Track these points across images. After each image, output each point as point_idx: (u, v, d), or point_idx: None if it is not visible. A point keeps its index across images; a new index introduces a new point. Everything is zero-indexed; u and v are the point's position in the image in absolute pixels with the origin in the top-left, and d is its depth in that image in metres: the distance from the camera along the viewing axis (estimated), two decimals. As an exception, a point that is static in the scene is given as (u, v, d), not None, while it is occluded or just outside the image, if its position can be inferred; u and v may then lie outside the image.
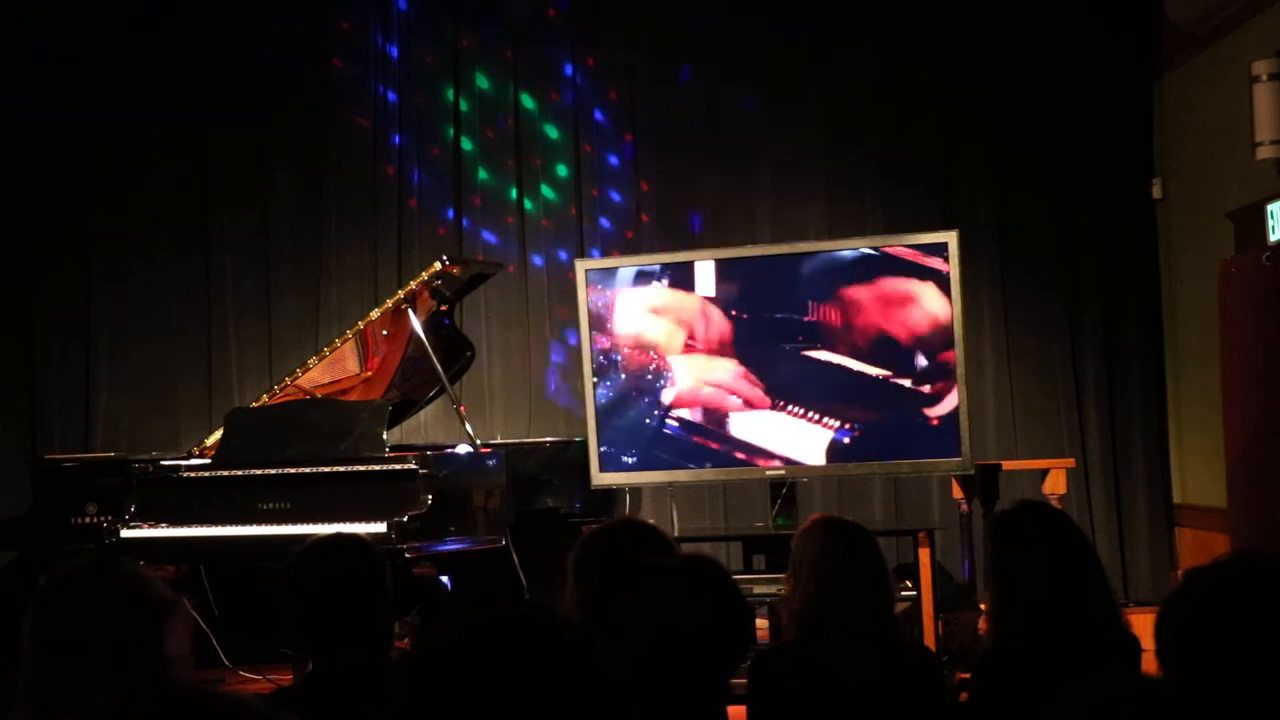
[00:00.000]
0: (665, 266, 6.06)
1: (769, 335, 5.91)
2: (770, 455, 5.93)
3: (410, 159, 7.72)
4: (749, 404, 5.93)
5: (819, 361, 5.86)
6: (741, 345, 5.94)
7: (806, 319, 5.87)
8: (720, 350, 5.95)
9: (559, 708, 1.42)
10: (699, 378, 5.98)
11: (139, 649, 2.23)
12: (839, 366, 5.84)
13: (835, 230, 7.28)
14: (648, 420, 6.04)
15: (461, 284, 6.32)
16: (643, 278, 6.04)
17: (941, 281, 5.72)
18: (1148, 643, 2.11)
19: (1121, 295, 7.45)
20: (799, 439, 5.90)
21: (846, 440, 5.86)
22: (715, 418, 5.98)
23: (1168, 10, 7.11)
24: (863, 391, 5.83)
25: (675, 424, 6.01)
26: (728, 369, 5.95)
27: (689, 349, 5.99)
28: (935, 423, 5.74)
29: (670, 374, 6.02)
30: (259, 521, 5.48)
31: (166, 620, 2.29)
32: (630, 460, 6.05)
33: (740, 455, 5.96)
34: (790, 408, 5.91)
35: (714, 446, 5.98)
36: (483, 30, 7.73)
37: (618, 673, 2.37)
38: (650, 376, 6.04)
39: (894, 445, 5.83)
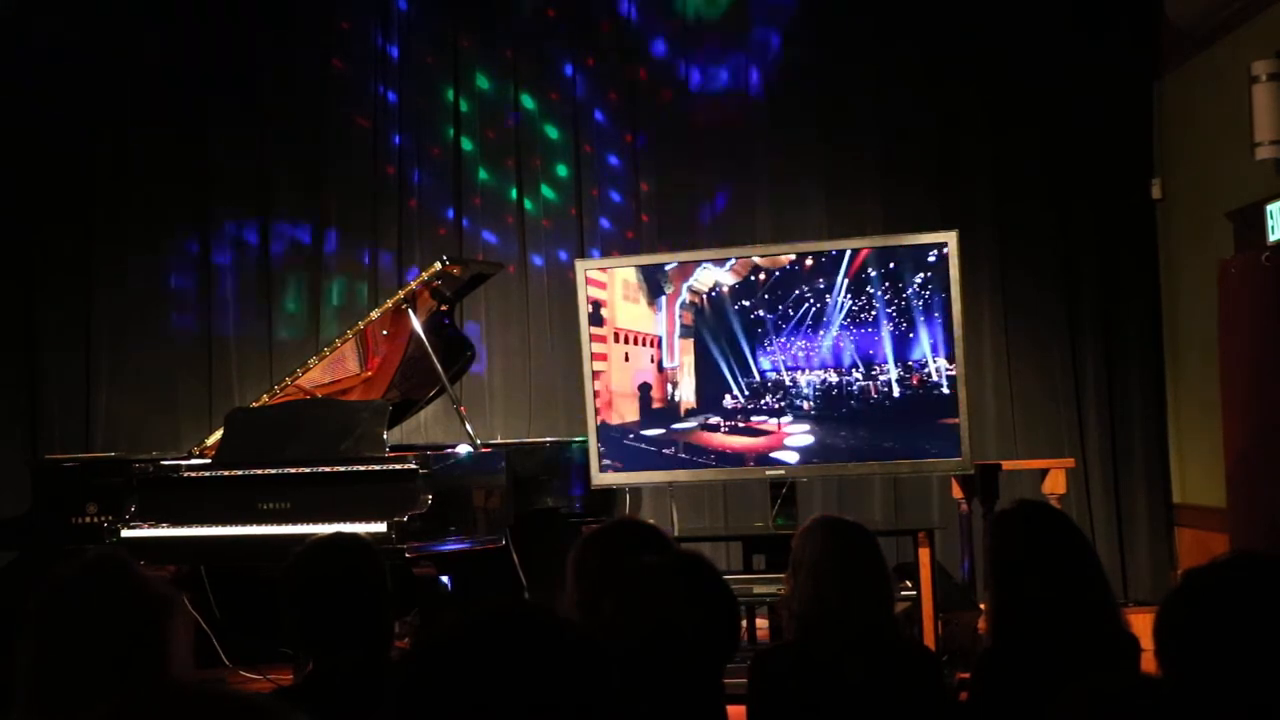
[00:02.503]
0: (664, 266, 6.07)
1: (768, 335, 5.91)
2: (769, 456, 5.93)
3: (410, 159, 7.73)
4: (743, 403, 5.93)
5: (818, 361, 5.86)
6: (739, 345, 5.94)
7: (806, 318, 5.87)
8: (717, 350, 5.95)
9: (559, 708, 1.42)
10: (691, 376, 5.99)
11: (141, 648, 2.23)
12: (839, 366, 5.84)
13: (835, 230, 7.28)
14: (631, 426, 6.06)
15: (461, 284, 6.32)
16: (645, 276, 6.05)
17: (940, 282, 5.72)
18: (1148, 643, 2.11)
19: (1121, 295, 7.45)
20: (798, 439, 5.90)
21: (848, 441, 5.86)
22: (711, 419, 5.99)
23: (1168, 10, 7.11)
24: (820, 402, 5.84)
25: (661, 425, 6.02)
26: (724, 368, 5.95)
27: (678, 348, 6.00)
28: (942, 423, 5.74)
29: (656, 370, 6.03)
30: (259, 521, 5.48)
31: (168, 619, 2.29)
32: (612, 464, 6.05)
33: (728, 456, 5.97)
34: (789, 407, 5.91)
35: (703, 446, 5.99)
36: (483, 30, 7.73)
37: (613, 672, 2.37)
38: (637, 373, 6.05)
39: (894, 445, 5.83)
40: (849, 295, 5.91)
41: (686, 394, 6.04)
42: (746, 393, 5.97)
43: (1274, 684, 1.92)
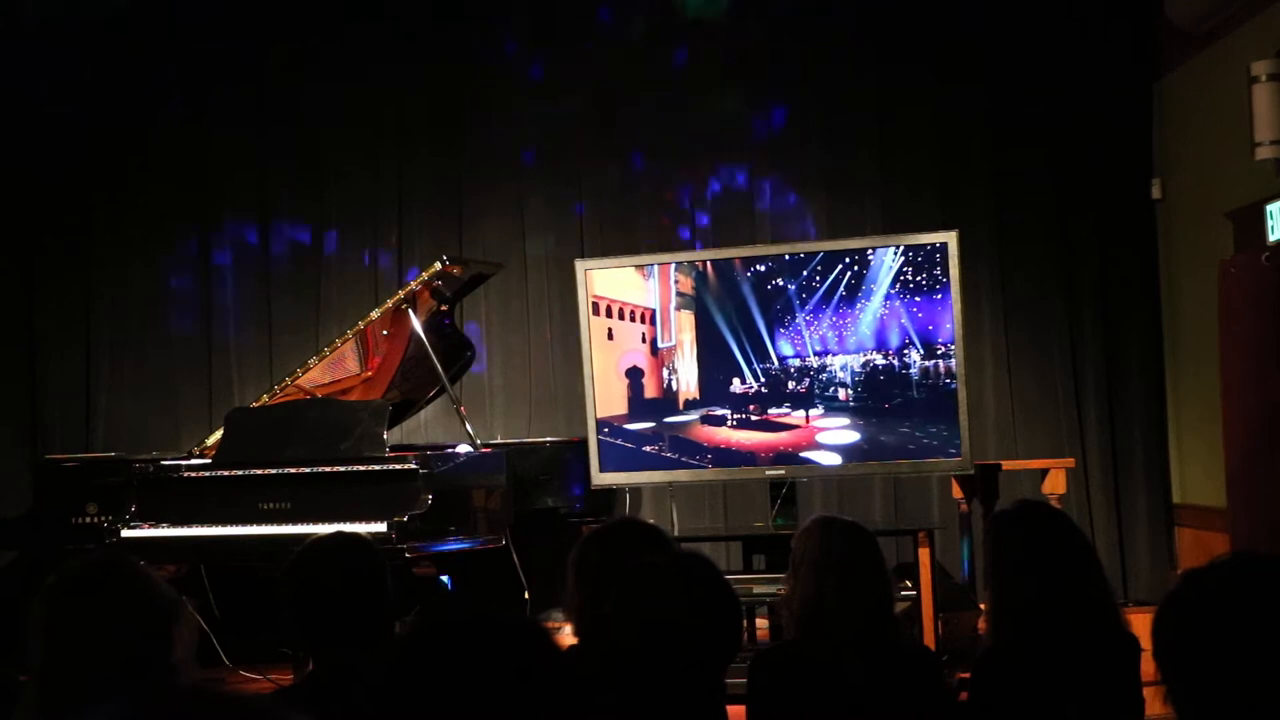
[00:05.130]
0: (664, 267, 6.05)
1: (790, 310, 5.88)
2: (797, 455, 5.89)
3: (410, 158, 7.72)
4: (742, 401, 5.93)
5: (817, 360, 5.85)
6: (753, 320, 5.90)
7: (839, 288, 5.80)
8: (725, 324, 5.93)
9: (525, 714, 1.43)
10: (693, 359, 5.97)
11: (146, 649, 2.24)
12: (883, 348, 5.82)
13: (835, 230, 7.28)
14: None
15: (461, 284, 6.32)
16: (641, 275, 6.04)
17: (941, 281, 5.72)
18: (1147, 643, 2.11)
19: (1121, 295, 7.45)
20: (836, 435, 5.86)
21: (847, 441, 5.86)
22: (716, 411, 5.98)
23: (1167, 10, 7.11)
24: (862, 391, 5.82)
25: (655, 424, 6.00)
26: (734, 347, 5.93)
27: (673, 347, 5.98)
28: (937, 424, 5.73)
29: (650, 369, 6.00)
30: (259, 521, 5.48)
31: (174, 621, 2.29)
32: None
33: (734, 454, 5.95)
34: (820, 396, 5.89)
35: (699, 443, 5.97)
36: (484, 27, 7.72)
37: (614, 672, 2.37)
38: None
39: (894, 445, 5.82)
40: (902, 254, 5.44)
41: (687, 381, 5.78)
42: (762, 378, 5.63)
43: (1274, 684, 1.92)
